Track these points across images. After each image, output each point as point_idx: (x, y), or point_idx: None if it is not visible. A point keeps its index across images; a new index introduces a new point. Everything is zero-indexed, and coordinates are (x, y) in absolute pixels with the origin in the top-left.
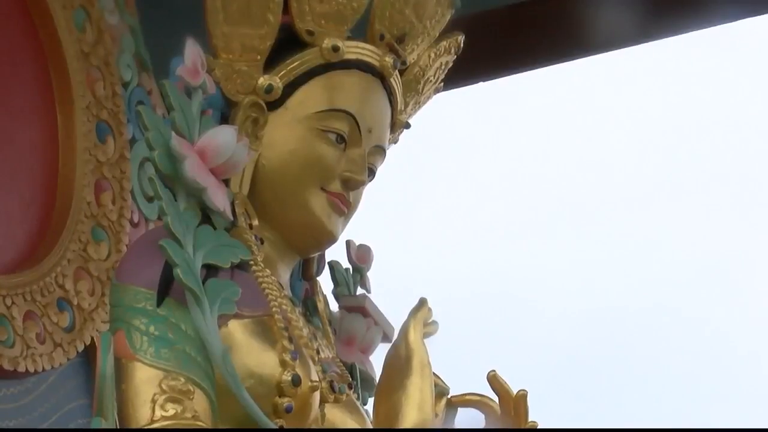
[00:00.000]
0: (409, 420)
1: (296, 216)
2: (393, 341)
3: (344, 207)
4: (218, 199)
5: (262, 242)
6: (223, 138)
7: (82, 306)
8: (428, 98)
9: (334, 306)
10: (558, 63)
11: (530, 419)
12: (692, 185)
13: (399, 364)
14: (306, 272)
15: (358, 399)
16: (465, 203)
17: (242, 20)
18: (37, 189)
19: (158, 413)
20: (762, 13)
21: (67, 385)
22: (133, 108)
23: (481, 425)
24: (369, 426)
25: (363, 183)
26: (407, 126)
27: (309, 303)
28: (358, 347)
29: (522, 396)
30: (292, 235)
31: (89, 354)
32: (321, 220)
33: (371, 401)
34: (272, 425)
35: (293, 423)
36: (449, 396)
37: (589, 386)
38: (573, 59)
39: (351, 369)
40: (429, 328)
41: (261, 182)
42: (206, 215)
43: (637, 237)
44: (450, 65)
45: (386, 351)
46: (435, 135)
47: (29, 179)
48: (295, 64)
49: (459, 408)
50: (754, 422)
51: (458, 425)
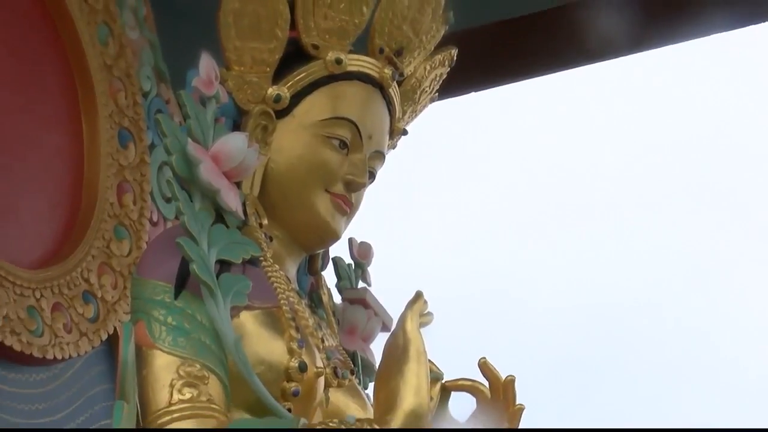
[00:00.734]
0: (407, 403)
1: (302, 216)
2: (391, 331)
3: (347, 207)
4: (231, 200)
5: (271, 240)
6: (235, 144)
7: (106, 298)
8: (424, 107)
9: (338, 298)
10: (542, 75)
11: (518, 403)
12: (678, 191)
13: (397, 352)
14: (311, 267)
15: (360, 384)
16: (460, 205)
17: (253, 35)
18: (64, 191)
19: (176, 397)
20: (754, 23)
21: (92, 371)
22: (153, 116)
23: (473, 408)
24: (369, 408)
25: (364, 185)
26: (405, 133)
27: (314, 296)
28: (360, 336)
29: (510, 381)
30: (299, 233)
31: (112, 343)
32: (325, 220)
33: (371, 386)
34: (281, 408)
35: (300, 406)
36: (443, 381)
37: (578, 379)
38: (556, 71)
39: (353, 356)
40: (424, 319)
41: (270, 184)
42: (220, 215)
43: (625, 239)
44: (444, 76)
45: (385, 340)
46: (430, 141)
47: (56, 182)
48: (302, 76)
49: (452, 392)
50: (733, 414)
51: (451, 409)
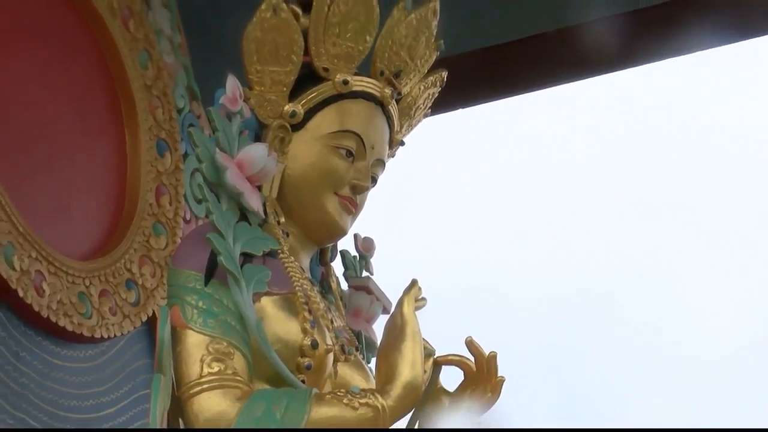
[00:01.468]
0: (404, 375)
1: (315, 215)
2: (391, 313)
3: (352, 208)
4: (253, 201)
5: (288, 235)
6: (257, 153)
7: (146, 286)
8: (419, 121)
9: (345, 285)
10: (521, 93)
11: (499, 375)
12: (638, 198)
13: (395, 332)
14: (322, 259)
15: (364, 359)
16: (451, 208)
17: (272, 60)
18: (110, 193)
19: (206, 370)
20: (739, 40)
21: (134, 348)
22: (186, 129)
23: (461, 380)
24: (371, 379)
25: (367, 188)
26: (402, 143)
27: (325, 283)
28: (363, 318)
29: (492, 356)
30: (312, 230)
31: (151, 324)
32: (334, 218)
33: (374, 361)
34: (296, 380)
35: (312, 378)
36: (435, 356)
37: (550, 358)
38: (534, 90)
39: (358, 335)
40: (419, 303)
41: (286, 188)
42: (243, 214)
43: (593, 239)
44: (436, 95)
45: (385, 321)
46: (425, 151)
47: (103, 186)
48: (314, 95)
49: (443, 366)
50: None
51: (441, 380)
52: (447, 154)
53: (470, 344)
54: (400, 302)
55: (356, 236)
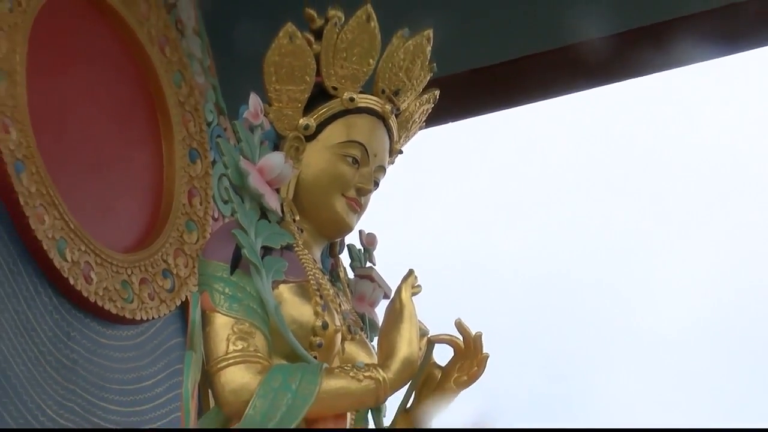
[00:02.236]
0: (402, 352)
1: (325, 214)
2: (391, 298)
3: (358, 207)
4: (272, 202)
5: (302, 231)
6: (275, 160)
7: (180, 275)
8: (415, 133)
9: (351, 275)
10: (503, 109)
11: (484, 352)
12: (613, 186)
13: (394, 314)
14: (332, 251)
15: (367, 338)
16: (441, 206)
17: (288, 80)
18: (148, 195)
19: (231, 347)
20: (725, 55)
21: (169, 329)
22: (214, 140)
23: (451, 356)
24: (374, 355)
25: (371, 191)
26: (400, 152)
27: (334, 273)
28: (367, 302)
29: (478, 336)
30: (322, 227)
31: (184, 307)
32: (342, 217)
33: (376, 339)
34: (309, 356)
35: (323, 355)
36: (429, 336)
37: (532, 333)
38: (514, 106)
39: (362, 317)
40: (415, 290)
41: (301, 190)
42: (263, 213)
43: (574, 222)
44: (429, 111)
45: (386, 305)
46: (420, 158)
47: (143, 188)
48: (324, 110)
49: (435, 344)
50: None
51: (434, 356)
52: (441, 160)
53: (459, 325)
54: (399, 289)
55: (361, 232)
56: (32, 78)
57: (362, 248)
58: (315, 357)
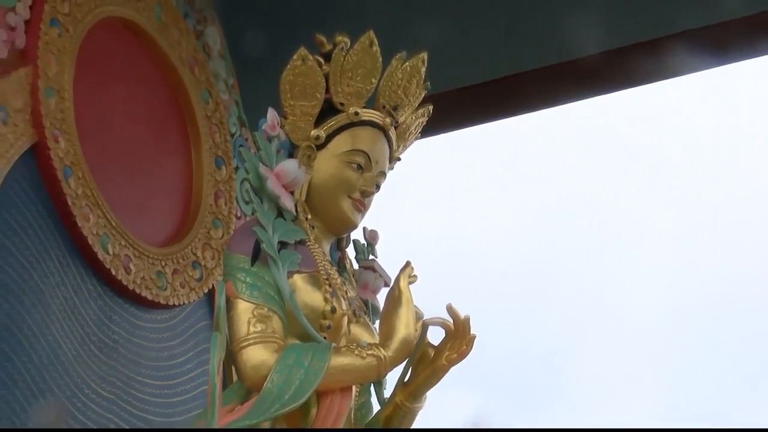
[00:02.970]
0: (400, 333)
1: (333, 213)
2: (390, 287)
3: (362, 208)
4: (287, 203)
5: (313, 228)
6: (290, 166)
7: (207, 266)
8: (411, 143)
9: (356, 266)
10: (491, 121)
11: (472, 333)
12: (603, 172)
13: (393, 300)
14: (339, 246)
15: (370, 320)
16: (435, 202)
17: (301, 97)
18: (179, 197)
19: (251, 329)
20: (716, 66)
21: (198, 313)
22: (237, 149)
23: (443, 337)
24: (376, 336)
25: (373, 193)
26: (399, 159)
27: (341, 264)
28: (370, 290)
29: (467, 319)
30: (331, 224)
31: (211, 294)
32: (348, 216)
33: (377, 322)
34: (320, 337)
35: (331, 336)
36: (423, 319)
37: (518, 307)
38: (501, 118)
39: (366, 303)
40: (412, 279)
41: (312, 192)
42: (280, 212)
43: (556, 205)
44: (424, 123)
45: (386, 292)
46: (416, 164)
47: (175, 191)
48: (333, 123)
49: (429, 326)
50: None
51: (428, 337)
52: (435, 164)
53: (450, 309)
54: (397, 278)
55: (364, 229)
56: (78, 95)
57: (366, 243)
58: (325, 337)
